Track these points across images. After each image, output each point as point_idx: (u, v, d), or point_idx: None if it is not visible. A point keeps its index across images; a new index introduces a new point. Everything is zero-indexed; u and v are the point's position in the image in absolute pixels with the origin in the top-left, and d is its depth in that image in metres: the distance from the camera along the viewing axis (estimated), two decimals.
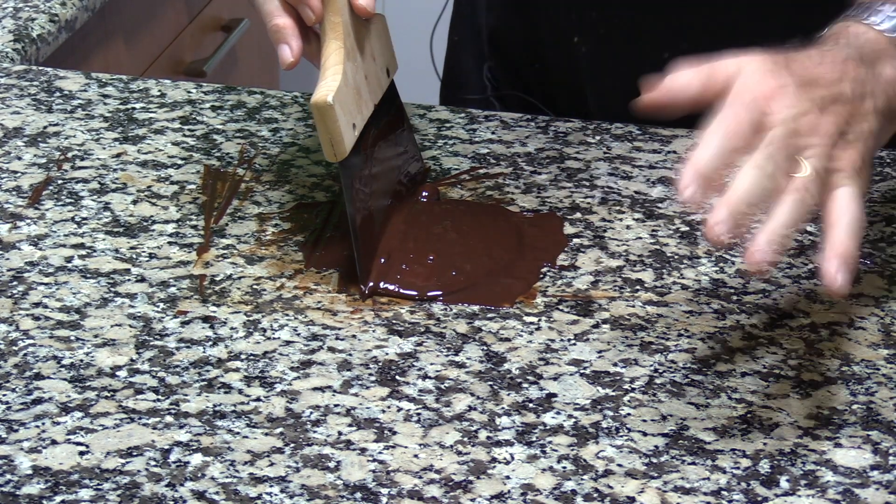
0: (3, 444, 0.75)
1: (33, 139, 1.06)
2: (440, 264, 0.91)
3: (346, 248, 0.91)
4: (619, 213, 0.98)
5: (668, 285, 0.90)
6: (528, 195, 1.00)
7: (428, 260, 0.91)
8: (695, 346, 0.85)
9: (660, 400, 0.80)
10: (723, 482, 0.74)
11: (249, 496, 0.72)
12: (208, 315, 0.87)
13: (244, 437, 0.77)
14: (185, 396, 0.79)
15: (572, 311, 0.88)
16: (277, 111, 1.11)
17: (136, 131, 1.08)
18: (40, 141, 1.06)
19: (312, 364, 0.83)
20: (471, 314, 0.87)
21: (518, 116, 1.11)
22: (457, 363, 0.83)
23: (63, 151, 1.04)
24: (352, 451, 0.76)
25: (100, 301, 0.88)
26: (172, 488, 0.73)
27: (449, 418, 0.78)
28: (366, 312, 0.87)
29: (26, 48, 1.23)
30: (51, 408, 0.78)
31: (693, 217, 0.97)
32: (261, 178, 1.02)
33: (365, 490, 0.73)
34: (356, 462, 0.75)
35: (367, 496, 0.73)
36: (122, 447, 0.76)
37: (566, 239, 0.95)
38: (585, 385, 0.81)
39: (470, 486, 0.74)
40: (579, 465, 0.75)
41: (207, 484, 0.73)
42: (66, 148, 1.05)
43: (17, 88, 1.14)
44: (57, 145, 1.05)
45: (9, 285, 0.89)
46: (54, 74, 1.16)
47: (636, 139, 1.08)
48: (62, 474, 0.74)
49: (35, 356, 0.83)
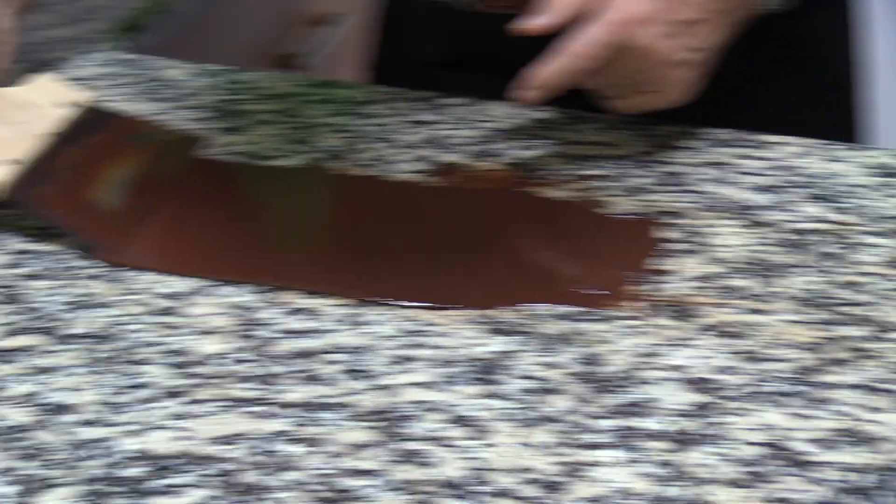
0: (107, 427, 0.76)
1: None
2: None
3: None
4: (723, 219, 0.97)
5: (772, 294, 0.90)
6: (631, 198, 1.00)
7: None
8: (798, 355, 0.84)
9: (761, 409, 0.79)
10: (824, 495, 0.73)
11: (346, 488, 0.73)
12: (310, 306, 0.87)
13: (343, 429, 0.77)
14: (286, 387, 0.80)
15: (673, 316, 0.87)
16: (379, 106, 1.12)
17: (239, 122, 1.08)
18: None
19: (411, 359, 0.83)
20: (570, 315, 0.87)
21: (622, 118, 1.11)
22: (554, 364, 0.83)
23: None
24: (449, 447, 0.76)
25: (204, 289, 0.88)
26: (271, 477, 0.73)
27: (547, 419, 0.78)
28: (466, 311, 0.87)
29: (135, 37, 1.25)
30: (153, 393, 0.79)
31: (799, 226, 0.97)
32: (361, 173, 1.02)
33: (460, 487, 0.73)
34: (452, 459, 0.75)
35: (461, 493, 0.73)
36: (223, 434, 0.76)
37: (668, 244, 0.95)
38: (686, 391, 0.81)
39: (566, 487, 0.73)
40: (678, 471, 0.75)
41: (305, 474, 0.73)
42: None
43: (126, 76, 1.15)
44: None
45: (115, 270, 0.90)
46: (162, 64, 1.18)
47: (741, 145, 1.07)
48: (163, 459, 0.74)
49: (140, 341, 0.83)
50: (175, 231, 0.95)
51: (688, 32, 0.97)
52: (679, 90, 0.99)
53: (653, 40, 0.95)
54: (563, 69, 0.94)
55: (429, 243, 0.95)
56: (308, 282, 0.89)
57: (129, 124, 1.04)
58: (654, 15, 0.95)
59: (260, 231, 0.97)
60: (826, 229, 0.96)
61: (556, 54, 0.94)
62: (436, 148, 1.06)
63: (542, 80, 0.95)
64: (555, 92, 0.95)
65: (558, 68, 0.94)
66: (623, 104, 1.01)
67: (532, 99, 0.95)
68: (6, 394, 0.79)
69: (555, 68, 0.94)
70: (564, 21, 0.95)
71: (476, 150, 1.06)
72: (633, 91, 0.99)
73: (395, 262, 0.92)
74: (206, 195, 0.99)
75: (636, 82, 0.98)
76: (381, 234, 0.95)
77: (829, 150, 1.07)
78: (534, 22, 0.95)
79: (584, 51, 0.94)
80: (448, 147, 1.06)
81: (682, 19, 0.97)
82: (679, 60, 0.97)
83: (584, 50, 0.94)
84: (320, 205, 1.02)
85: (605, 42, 0.94)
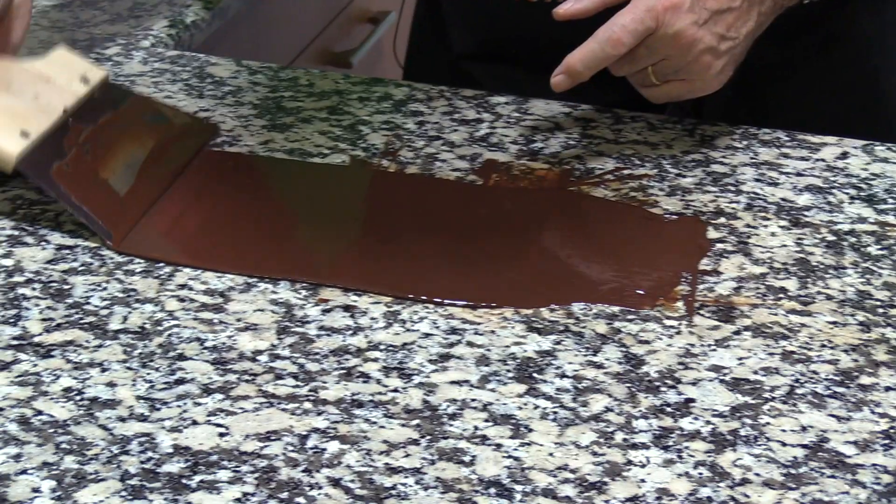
0: (146, 422, 0.77)
1: None
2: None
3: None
4: (765, 219, 0.97)
5: (813, 295, 0.89)
6: (672, 198, 0.99)
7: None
8: (838, 357, 0.83)
9: (800, 410, 0.79)
10: (863, 497, 0.73)
11: (384, 486, 0.73)
12: (349, 304, 0.87)
13: (381, 426, 0.77)
14: (324, 384, 0.80)
15: (714, 317, 0.87)
16: (423, 104, 1.12)
17: (283, 119, 1.09)
18: None
19: (450, 357, 0.83)
20: (611, 315, 0.87)
21: (664, 118, 1.10)
22: (595, 363, 0.83)
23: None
24: (487, 446, 0.76)
25: (243, 285, 0.89)
26: (308, 474, 0.73)
27: (585, 418, 0.78)
28: (505, 309, 0.87)
29: (180, 34, 1.25)
30: (192, 388, 0.80)
31: (840, 227, 0.96)
32: (405, 171, 1.02)
33: (499, 486, 0.73)
34: (491, 457, 0.75)
35: (500, 492, 0.73)
36: (261, 431, 0.76)
37: (709, 243, 0.94)
38: (725, 392, 0.80)
39: (604, 487, 0.73)
40: (716, 472, 0.74)
41: (343, 472, 0.74)
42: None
43: (171, 73, 1.16)
44: None
45: (155, 266, 0.90)
46: (206, 60, 1.18)
47: (784, 145, 1.07)
48: (202, 454, 0.75)
49: (179, 337, 0.84)
50: (215, 227, 0.95)
51: (719, 20, 0.98)
52: (709, 79, 0.99)
53: (683, 27, 0.96)
54: (594, 55, 0.96)
55: (470, 241, 0.95)
56: (348, 279, 0.89)
57: (144, 104, 1.04)
58: (684, 2, 0.96)
59: (301, 228, 0.97)
60: (867, 230, 0.96)
61: (588, 40, 0.95)
62: (479, 146, 1.06)
63: (572, 66, 0.96)
64: (584, 77, 0.97)
65: (589, 54, 0.96)
66: (654, 92, 1.01)
67: (562, 84, 0.97)
68: (46, 389, 0.79)
69: (585, 54, 0.96)
70: (598, 7, 0.97)
71: (518, 149, 1.06)
72: (664, 79, 0.99)
73: (436, 259, 0.92)
74: (245, 192, 1.00)
75: (666, 70, 0.98)
76: (423, 232, 0.96)
77: (870, 149, 1.06)
78: (568, 8, 0.96)
79: (615, 37, 0.95)
80: (491, 145, 1.06)
81: (713, 7, 0.98)
82: (709, 47, 0.98)
83: (615, 36, 0.95)
84: (362, 202, 1.02)
85: (635, 28, 0.95)
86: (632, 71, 0.99)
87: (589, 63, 0.96)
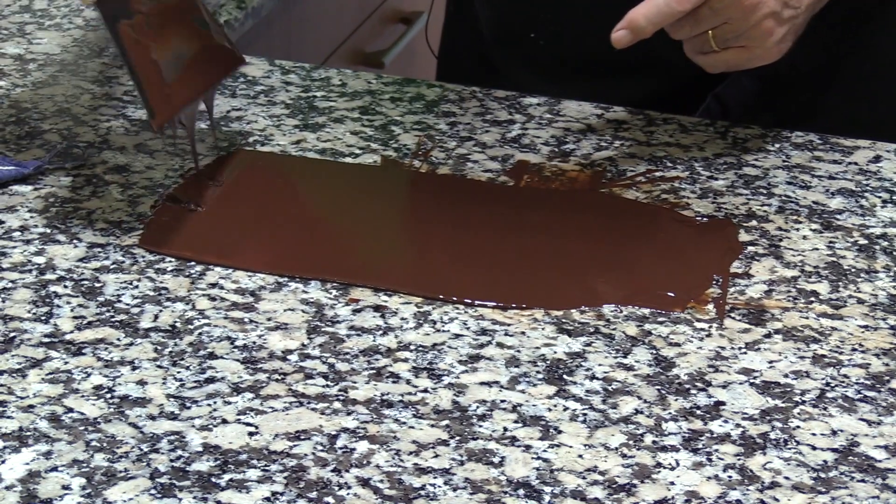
0: (176, 421, 0.77)
1: (217, 123, 1.08)
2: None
3: None
4: (797, 222, 0.97)
5: (844, 298, 0.89)
6: (704, 200, 0.99)
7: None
8: (869, 361, 0.83)
9: (830, 414, 0.79)
10: (893, 502, 0.73)
11: (413, 486, 0.73)
12: (379, 304, 0.87)
13: (410, 427, 0.77)
14: (354, 384, 0.80)
15: (744, 320, 0.87)
16: (455, 105, 1.12)
17: (315, 119, 1.09)
18: (223, 125, 1.08)
19: (480, 358, 0.83)
20: (641, 317, 0.87)
21: (697, 120, 1.10)
22: (625, 365, 0.82)
23: (244, 136, 1.06)
24: (516, 447, 0.76)
25: (274, 285, 0.89)
26: (338, 474, 0.74)
27: (615, 420, 0.78)
28: (536, 310, 0.87)
29: None
30: (223, 387, 0.80)
31: (872, 231, 0.96)
32: (436, 172, 1.02)
33: (528, 487, 0.73)
34: (520, 459, 0.75)
35: (529, 493, 0.73)
36: (291, 430, 0.77)
37: (740, 246, 0.94)
38: (755, 395, 0.80)
39: (634, 489, 0.73)
40: (745, 475, 0.74)
41: (372, 472, 0.74)
42: (248, 133, 1.07)
43: None
44: (239, 130, 1.07)
45: (186, 264, 0.91)
46: None
47: (816, 148, 1.06)
48: (231, 453, 0.75)
49: (209, 336, 0.84)
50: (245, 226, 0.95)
51: None
52: (769, 46, 0.98)
53: None
54: (659, 10, 0.94)
55: (501, 243, 0.95)
56: (378, 279, 0.89)
57: (194, 5, 1.02)
58: None
59: (331, 228, 0.97)
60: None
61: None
62: (511, 147, 1.06)
63: (635, 20, 0.95)
64: (646, 34, 0.95)
65: (654, 9, 0.94)
66: (711, 59, 1.00)
67: (623, 39, 0.95)
68: (77, 386, 0.79)
69: (650, 9, 0.95)
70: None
71: (550, 150, 1.06)
72: (724, 45, 0.98)
73: (467, 260, 0.92)
74: (276, 191, 1.00)
75: (727, 35, 0.97)
76: (453, 233, 0.96)
77: None
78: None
79: None
80: (523, 146, 1.06)
81: None
82: (773, 12, 0.97)
83: None
84: (392, 203, 1.02)
85: None
86: (692, 34, 0.98)
87: (653, 18, 0.95)
